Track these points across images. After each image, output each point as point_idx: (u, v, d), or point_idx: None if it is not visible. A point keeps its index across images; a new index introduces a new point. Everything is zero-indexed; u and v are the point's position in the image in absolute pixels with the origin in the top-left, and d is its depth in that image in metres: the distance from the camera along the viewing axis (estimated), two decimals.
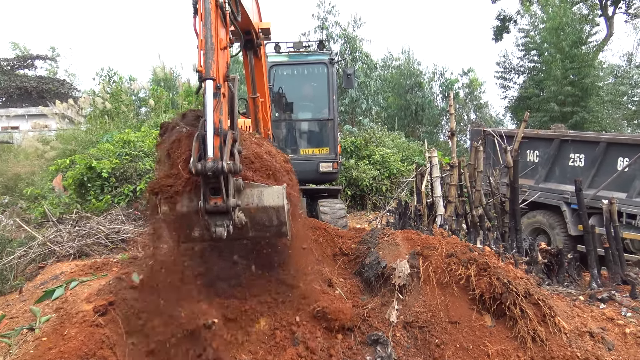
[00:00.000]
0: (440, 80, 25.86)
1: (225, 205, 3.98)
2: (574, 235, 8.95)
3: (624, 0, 28.56)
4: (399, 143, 18.19)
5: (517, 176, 7.90)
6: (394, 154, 16.28)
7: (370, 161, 15.47)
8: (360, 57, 21.96)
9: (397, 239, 5.65)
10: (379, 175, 15.06)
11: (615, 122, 21.54)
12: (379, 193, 14.80)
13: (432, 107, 24.82)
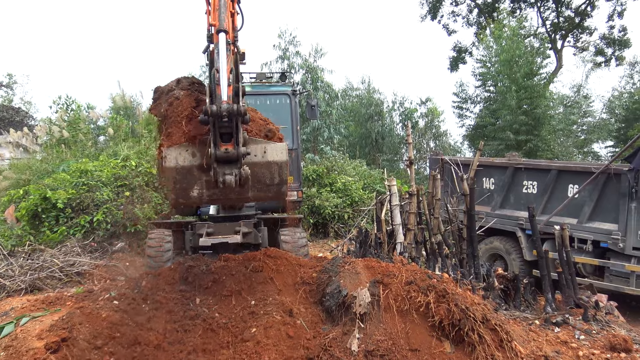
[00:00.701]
0: (400, 109, 26.42)
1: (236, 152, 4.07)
2: (529, 261, 9.20)
3: (571, 34, 30.06)
4: (361, 171, 18.37)
5: (474, 203, 8.11)
6: (356, 182, 16.42)
7: (332, 189, 15.56)
8: (322, 86, 22.27)
9: (358, 267, 5.70)
10: (341, 203, 15.14)
11: (566, 150, 22.40)
12: (341, 221, 14.86)
13: (392, 135, 25.26)
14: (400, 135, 25.24)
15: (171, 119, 4.52)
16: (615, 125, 26.03)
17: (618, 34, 28.77)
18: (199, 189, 4.40)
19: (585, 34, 30.01)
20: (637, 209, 7.88)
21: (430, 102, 26.14)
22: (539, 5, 29.02)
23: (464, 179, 8.29)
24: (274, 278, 6.06)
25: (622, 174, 8.09)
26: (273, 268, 6.17)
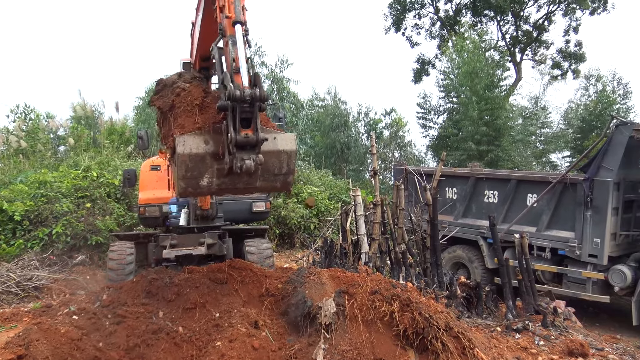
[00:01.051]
0: (365, 120, 26.66)
1: (256, 137, 4.19)
2: (491, 268, 9.40)
3: (530, 47, 31.00)
4: (327, 181, 18.43)
5: (437, 213, 8.25)
6: (322, 192, 16.47)
7: (298, 199, 15.56)
8: (288, 97, 22.33)
9: (323, 277, 5.71)
10: (307, 214, 15.15)
11: (525, 160, 23.00)
12: (307, 231, 14.87)
13: (357, 145, 25.45)
14: (365, 146, 25.45)
15: (180, 108, 4.63)
16: (571, 136, 26.89)
17: (574, 48, 29.83)
18: (209, 178, 4.48)
19: (543, 48, 31.01)
20: (592, 217, 8.17)
21: (395, 112, 26.46)
22: (498, 19, 29.83)
23: (427, 188, 8.43)
24: (239, 290, 6.03)
25: (577, 184, 8.38)
26: (238, 279, 6.14)
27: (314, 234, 14.44)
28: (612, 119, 8.93)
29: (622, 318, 8.52)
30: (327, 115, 26.19)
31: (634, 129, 7.87)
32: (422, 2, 30.85)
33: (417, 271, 8.17)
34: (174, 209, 8.01)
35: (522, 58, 30.80)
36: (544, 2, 28.69)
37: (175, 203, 8.06)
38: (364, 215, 8.56)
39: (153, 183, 8.35)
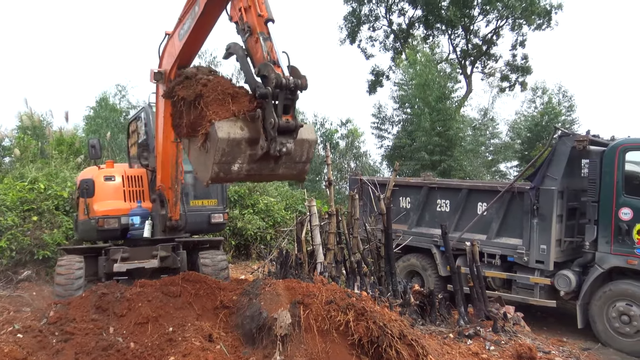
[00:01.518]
0: (321, 131, 26.81)
1: (295, 123, 4.64)
2: (443, 276, 9.58)
3: (480, 60, 32.00)
4: (283, 191, 18.38)
5: (391, 222, 8.37)
6: (278, 203, 16.43)
7: (254, 210, 15.47)
8: None
9: (278, 288, 5.70)
10: (264, 225, 15.08)
11: (476, 170, 23.63)
12: (263, 242, 14.79)
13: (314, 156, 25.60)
14: (321, 156, 25.60)
15: (210, 97, 4.94)
16: (519, 146, 27.83)
17: (521, 61, 30.96)
18: (241, 163, 4.80)
19: (492, 61, 32.06)
20: (538, 224, 8.48)
21: (351, 123, 26.76)
22: (449, 33, 30.69)
23: (381, 198, 8.54)
24: (193, 303, 5.94)
25: (524, 192, 8.69)
26: (192, 292, 6.05)
27: (270, 244, 14.38)
28: (556, 130, 9.32)
29: (568, 321, 8.85)
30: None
31: (575, 139, 8.25)
32: (376, 15, 31.41)
33: (372, 280, 8.26)
34: (136, 221, 7.79)
35: (472, 71, 31.72)
36: (492, 18, 29.69)
37: (137, 214, 7.85)
38: (319, 225, 8.59)
39: (109, 194, 8.05)
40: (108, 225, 7.79)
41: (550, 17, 28.35)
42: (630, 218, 7.78)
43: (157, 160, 7.46)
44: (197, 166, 5.17)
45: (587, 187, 8.35)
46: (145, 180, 8.24)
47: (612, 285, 7.96)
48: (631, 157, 8.02)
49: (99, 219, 7.76)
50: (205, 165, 4.85)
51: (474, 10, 29.24)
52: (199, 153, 4.95)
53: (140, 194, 8.18)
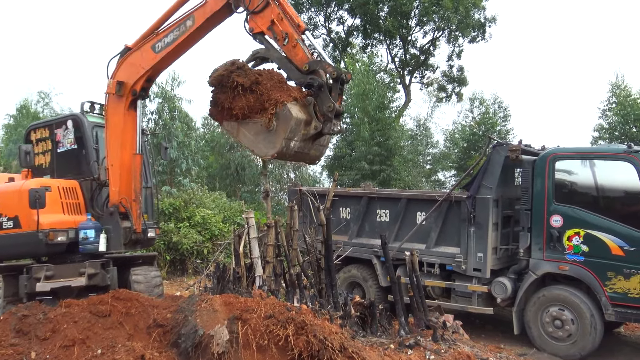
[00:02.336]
0: None
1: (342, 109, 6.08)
2: (384, 287, 9.74)
3: (417, 71, 32.98)
4: (220, 203, 18.18)
5: (331, 233, 8.42)
6: (215, 215, 16.22)
7: (190, 223, 15.19)
8: (179, 116, 21.87)
9: (215, 304, 5.62)
10: (201, 238, 14.83)
11: (415, 179, 24.30)
12: (200, 256, 14.53)
13: (252, 166, 25.43)
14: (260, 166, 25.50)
15: (268, 84, 5.90)
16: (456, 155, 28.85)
17: (457, 72, 32.15)
18: (296, 141, 5.86)
19: (430, 71, 33.13)
20: (475, 233, 8.78)
21: None
22: (387, 42, 31.47)
23: (321, 209, 8.59)
24: (124, 322, 5.75)
25: (461, 201, 8.99)
26: (122, 311, 5.86)
27: (207, 259, 14.15)
28: (490, 140, 9.73)
29: (504, 328, 9.20)
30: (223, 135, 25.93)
31: (509, 149, 8.63)
32: (315, 23, 31.78)
33: (312, 293, 8.27)
34: (91, 234, 7.45)
35: (410, 80, 32.64)
36: (429, 29, 30.71)
37: (90, 227, 7.51)
38: (258, 237, 8.54)
39: (53, 205, 7.63)
40: (58, 238, 7.42)
41: (484, 29, 29.64)
42: (561, 225, 8.21)
43: (112, 172, 7.53)
44: (257, 144, 6.04)
45: (521, 195, 8.75)
46: (80, 192, 7.97)
47: (546, 291, 8.36)
48: (561, 166, 8.47)
49: (49, 232, 7.34)
50: (271, 142, 5.87)
51: (411, 21, 30.15)
52: (259, 132, 5.93)
53: (76, 206, 7.88)
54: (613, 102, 25.66)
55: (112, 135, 7.52)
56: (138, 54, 7.17)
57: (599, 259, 7.90)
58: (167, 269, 14.17)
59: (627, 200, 8.26)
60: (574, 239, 8.10)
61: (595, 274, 7.91)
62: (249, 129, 6.06)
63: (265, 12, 6.25)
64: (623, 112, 24.52)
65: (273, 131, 5.82)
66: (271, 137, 5.86)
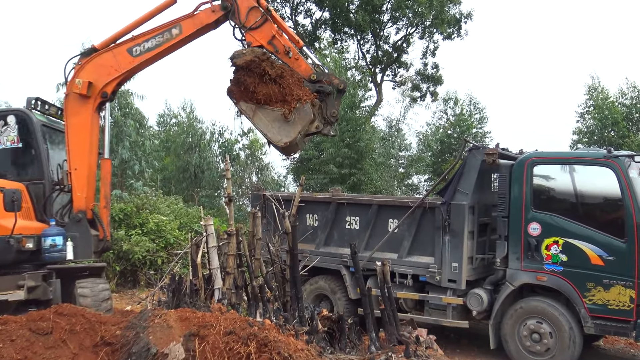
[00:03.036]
0: (220, 141, 26.55)
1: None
2: (354, 299, 9.76)
3: (390, 68, 33.31)
4: (177, 209, 17.98)
5: (296, 242, 8.39)
6: (171, 222, 16.02)
7: (143, 230, 14.96)
8: (132, 113, 21.55)
9: (170, 319, 5.54)
10: (154, 247, 14.62)
11: (387, 184, 24.47)
12: (153, 267, 14.32)
13: (211, 168, 25.23)
14: (220, 169, 25.32)
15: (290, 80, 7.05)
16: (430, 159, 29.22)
17: (431, 70, 32.62)
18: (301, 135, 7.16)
19: (403, 69, 33.50)
20: (450, 241, 8.88)
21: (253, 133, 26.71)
22: (358, 38, 31.71)
23: (286, 216, 8.56)
24: (68, 340, 5.60)
25: (436, 208, 9.09)
26: (66, 328, 5.70)
27: (162, 269, 13.95)
28: (466, 143, 9.88)
29: (481, 343, 9.33)
30: (180, 134, 25.66)
31: (485, 153, 8.77)
32: (281, 15, 31.76)
33: (276, 306, 8.23)
34: (59, 241, 7.30)
35: (382, 79, 32.94)
36: (402, 25, 31.06)
37: (57, 234, 7.35)
38: (217, 246, 8.46)
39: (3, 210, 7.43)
40: (27, 245, 7.34)
41: (460, 25, 30.18)
42: (539, 233, 8.39)
43: (77, 177, 7.63)
44: (272, 129, 7.14)
45: (497, 202, 8.90)
46: (27, 196, 7.85)
47: (523, 302, 8.52)
48: (539, 171, 8.66)
49: (22, 237, 7.20)
50: (286, 131, 7.09)
51: (383, 16, 30.44)
52: (275, 119, 7.08)
53: (27, 211, 7.78)
54: (590, 105, 26.45)
55: (76, 138, 7.64)
56: (109, 56, 7.57)
57: (578, 269, 8.09)
58: (117, 280, 13.91)
59: (606, 208, 8.49)
60: (553, 248, 8.28)
61: (574, 285, 8.10)
62: (267, 115, 7.16)
63: (264, 27, 7.27)
64: (600, 116, 25.30)
65: (291, 122, 7.07)
66: (287, 127, 7.09)
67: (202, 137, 26.13)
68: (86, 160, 7.65)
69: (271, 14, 7.42)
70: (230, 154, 24.95)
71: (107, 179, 7.97)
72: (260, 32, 7.28)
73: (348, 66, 29.20)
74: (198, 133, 26.09)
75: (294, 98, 7.01)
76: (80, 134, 7.65)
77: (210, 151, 26.46)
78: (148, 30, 7.51)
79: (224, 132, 26.70)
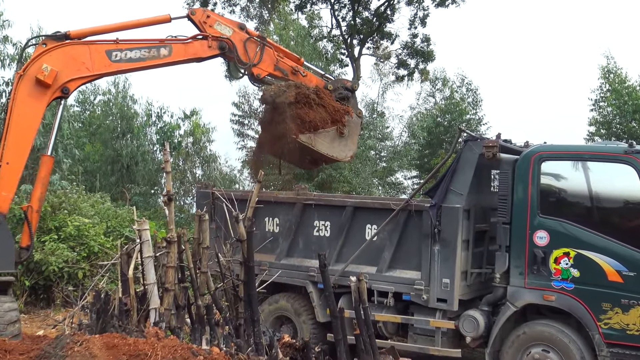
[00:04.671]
0: (157, 125, 26.23)
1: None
2: (322, 322, 9.79)
3: (371, 40, 33.36)
4: (103, 209, 17.77)
5: (252, 252, 8.37)
6: (96, 225, 15.83)
7: (60, 236, 14.75)
8: None
9: (94, 347, 5.54)
10: (75, 256, 14.43)
11: (365, 181, 24.51)
12: (73, 281, 14.14)
13: (147, 159, 24.95)
14: (158, 160, 25.06)
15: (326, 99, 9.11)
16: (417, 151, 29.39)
17: (421, 43, 32.77)
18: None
19: (387, 41, 33.57)
20: (441, 252, 8.94)
21: (198, 115, 26.45)
22: (332, 1, 31.64)
23: (241, 219, 8.52)
24: None
25: (423, 212, 9.15)
26: None
27: (84, 285, 13.79)
28: (461, 133, 9.98)
29: None
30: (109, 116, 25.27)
31: (484, 145, 8.83)
32: None
33: (227, 331, 8.21)
34: None
35: (360, 52, 33.00)
36: None
37: None
38: (154, 256, 8.39)
39: None
40: None
41: None
42: (547, 243, 8.48)
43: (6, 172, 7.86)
44: (335, 149, 9.23)
45: (498, 205, 8.97)
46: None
47: (527, 327, 8.64)
48: (548, 168, 8.76)
49: None
50: (346, 145, 9.38)
51: None
52: (333, 138, 9.12)
53: None
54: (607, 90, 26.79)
55: (18, 127, 7.91)
56: (84, 51, 8.15)
57: (593, 286, 8.23)
58: (27, 298, 13.70)
59: (627, 213, 8.66)
60: (563, 261, 8.39)
61: (587, 306, 8.22)
62: (324, 137, 8.97)
63: (265, 56, 9.04)
64: (619, 102, 25.64)
65: (346, 136, 9.25)
66: (345, 141, 9.31)
67: (135, 120, 25.79)
68: (23, 157, 7.96)
69: (266, 40, 9.22)
70: (171, 141, 24.64)
71: (46, 179, 8.33)
72: (264, 62, 9.03)
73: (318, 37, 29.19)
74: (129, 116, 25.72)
75: (341, 113, 9.11)
76: (25, 124, 7.94)
77: (146, 138, 26.15)
78: (135, 40, 8.48)
79: (163, 114, 26.37)
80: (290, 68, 9.19)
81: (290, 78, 9.13)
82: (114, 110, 26.23)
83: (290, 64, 9.26)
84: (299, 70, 9.34)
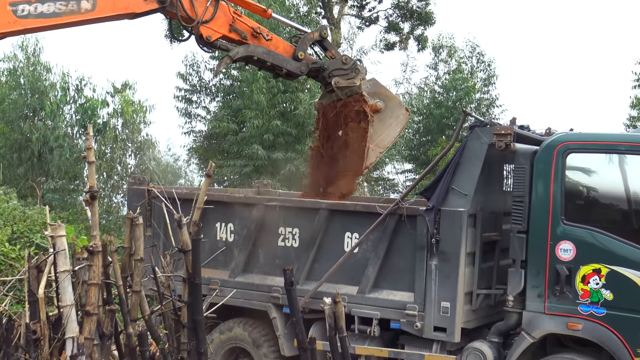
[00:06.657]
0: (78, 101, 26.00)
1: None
2: (289, 356, 9.78)
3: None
4: (7, 209, 17.69)
5: (199, 266, 8.34)
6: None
7: None
8: None
9: None
10: None
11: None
12: None
13: (64, 146, 24.74)
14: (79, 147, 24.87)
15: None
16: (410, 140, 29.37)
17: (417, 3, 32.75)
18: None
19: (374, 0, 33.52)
20: (439, 268, 8.92)
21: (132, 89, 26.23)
22: None
23: (184, 224, 8.49)
24: None
25: (418, 216, 9.13)
26: None
27: None
28: (466, 117, 9.99)
29: None
30: (15, 89, 25.01)
31: (495, 132, 8.78)
32: None
33: None
34: None
35: (341, 12, 32.91)
36: None
37: None
38: (72, 271, 8.35)
39: None
40: None
41: None
42: (573, 257, 8.47)
43: None
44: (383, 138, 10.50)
45: (512, 208, 9.00)
46: None
47: None
48: (575, 162, 8.78)
49: None
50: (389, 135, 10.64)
51: None
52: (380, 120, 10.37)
53: None
54: None
55: None
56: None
57: (630, 312, 8.26)
58: None
59: None
60: (592, 281, 8.42)
61: (622, 337, 8.23)
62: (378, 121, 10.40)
63: (218, 14, 8.98)
64: None
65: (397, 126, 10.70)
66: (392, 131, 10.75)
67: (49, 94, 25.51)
68: None
69: None
70: (94, 123, 24.40)
71: None
72: (215, 20, 8.95)
73: None
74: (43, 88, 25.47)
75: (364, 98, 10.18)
76: None
77: (63, 118, 25.92)
78: None
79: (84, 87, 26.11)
80: (250, 29, 9.13)
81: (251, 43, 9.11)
82: (21, 82, 25.98)
83: (250, 25, 9.21)
84: (262, 32, 9.25)
